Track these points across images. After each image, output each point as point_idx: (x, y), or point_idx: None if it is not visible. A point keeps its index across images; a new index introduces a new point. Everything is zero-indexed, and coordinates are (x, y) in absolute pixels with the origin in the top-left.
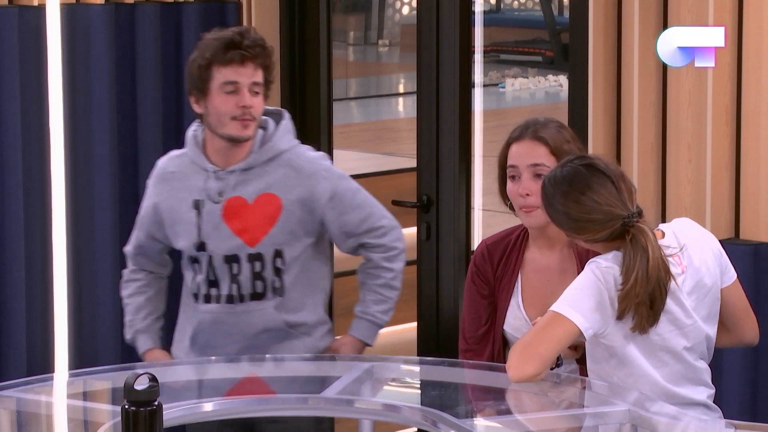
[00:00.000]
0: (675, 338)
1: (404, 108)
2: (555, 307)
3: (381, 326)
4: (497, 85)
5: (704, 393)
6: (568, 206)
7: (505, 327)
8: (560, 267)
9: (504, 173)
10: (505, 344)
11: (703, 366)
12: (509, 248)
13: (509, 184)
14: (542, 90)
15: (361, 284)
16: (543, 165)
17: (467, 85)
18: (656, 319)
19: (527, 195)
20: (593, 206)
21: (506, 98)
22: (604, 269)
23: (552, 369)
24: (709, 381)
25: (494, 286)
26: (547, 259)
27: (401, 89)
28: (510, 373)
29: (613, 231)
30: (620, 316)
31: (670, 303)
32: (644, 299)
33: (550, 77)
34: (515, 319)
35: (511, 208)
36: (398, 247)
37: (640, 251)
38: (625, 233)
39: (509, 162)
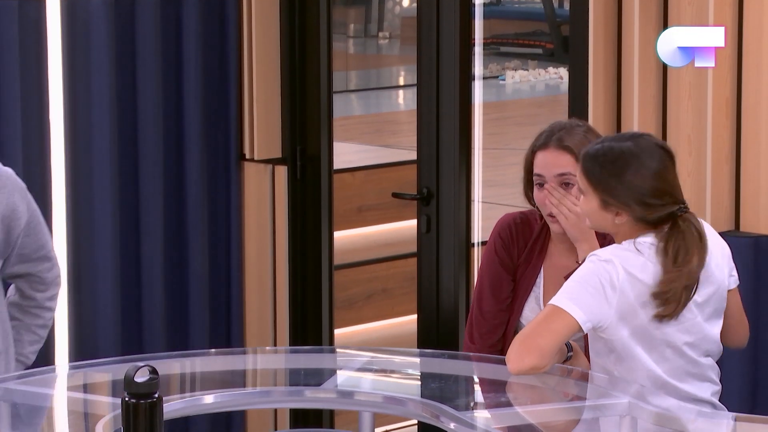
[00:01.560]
0: (675, 333)
1: (404, 100)
2: (554, 300)
3: (29, 366)
4: (497, 77)
5: (708, 390)
6: (638, 176)
7: (521, 319)
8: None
9: (530, 177)
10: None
11: (709, 363)
12: (533, 238)
13: (536, 190)
14: (542, 82)
15: (14, 319)
16: (569, 174)
17: (467, 78)
18: (686, 305)
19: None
20: (663, 186)
21: (506, 90)
22: (603, 263)
23: (564, 362)
24: (716, 378)
25: (516, 267)
26: (567, 259)
27: (401, 82)
28: (509, 366)
29: (664, 214)
30: (657, 297)
31: None
32: (691, 284)
33: (551, 69)
34: (531, 312)
35: (538, 208)
36: (59, 284)
37: (697, 235)
38: (676, 219)
39: (535, 170)
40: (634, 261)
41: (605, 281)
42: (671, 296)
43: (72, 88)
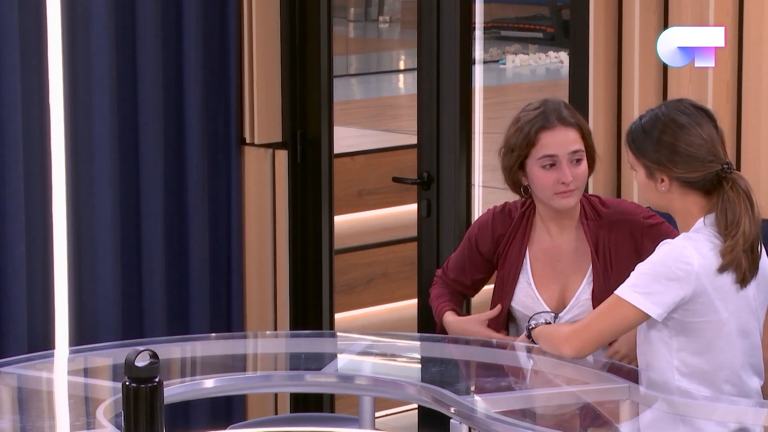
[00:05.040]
0: (749, 316)
1: (405, 85)
2: (620, 291)
3: None
4: (498, 61)
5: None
6: (669, 134)
7: (513, 304)
8: (571, 248)
9: (522, 159)
10: (511, 320)
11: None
12: (513, 224)
13: (542, 172)
14: (543, 66)
15: None
16: (580, 150)
17: (468, 62)
18: (755, 270)
19: (571, 181)
20: (699, 141)
21: (507, 75)
22: (675, 249)
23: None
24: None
25: (491, 257)
26: (555, 240)
27: (402, 66)
28: (566, 351)
29: (708, 174)
30: (723, 269)
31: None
32: (749, 246)
33: (551, 54)
34: (526, 297)
35: (525, 192)
36: None
37: (743, 195)
38: (722, 182)
39: (544, 152)
40: (705, 244)
41: (680, 269)
42: (736, 263)
43: (72, 73)
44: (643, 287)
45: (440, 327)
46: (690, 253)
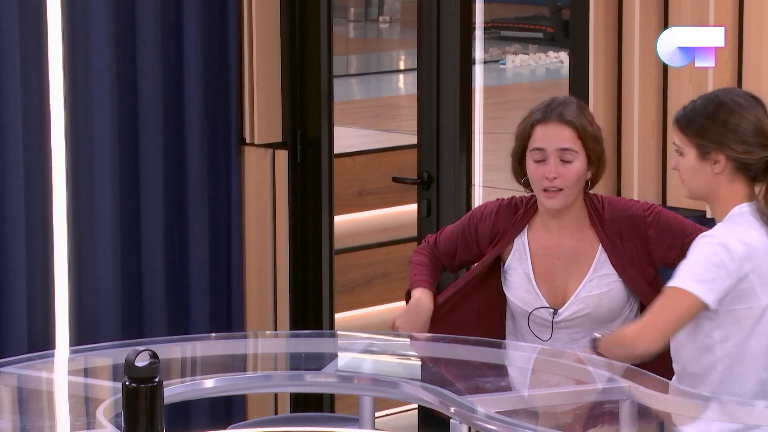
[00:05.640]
0: None
1: (405, 85)
2: (675, 282)
3: None
4: (498, 61)
5: None
6: (725, 112)
7: (514, 299)
8: (572, 246)
9: (522, 151)
10: (509, 316)
11: None
12: (514, 220)
13: (533, 165)
14: (543, 66)
15: None
16: (570, 149)
17: (468, 62)
18: None
19: (554, 178)
20: (754, 121)
21: (507, 75)
22: (718, 238)
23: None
24: None
25: (484, 244)
26: (557, 239)
27: (402, 66)
28: (636, 348)
29: (763, 158)
30: None
31: None
32: None
33: (551, 54)
34: (526, 292)
35: (526, 185)
36: None
37: None
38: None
39: (534, 145)
40: (745, 231)
41: (724, 256)
42: None
43: (72, 73)
44: (697, 275)
45: (408, 292)
46: (730, 240)
